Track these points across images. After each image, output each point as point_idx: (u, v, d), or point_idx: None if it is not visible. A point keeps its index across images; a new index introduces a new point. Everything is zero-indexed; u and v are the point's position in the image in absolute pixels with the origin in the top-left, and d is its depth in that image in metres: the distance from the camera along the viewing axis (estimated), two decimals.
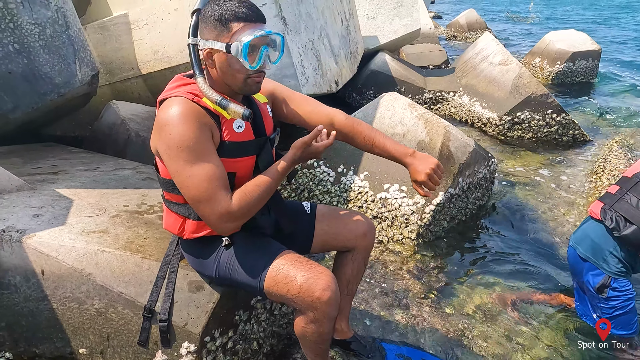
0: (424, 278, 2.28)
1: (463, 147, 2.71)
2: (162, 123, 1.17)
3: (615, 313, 1.91)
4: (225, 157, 1.24)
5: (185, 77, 1.30)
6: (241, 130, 1.26)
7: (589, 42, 7.30)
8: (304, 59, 3.03)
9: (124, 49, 3.66)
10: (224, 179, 1.22)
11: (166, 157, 1.19)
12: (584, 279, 1.97)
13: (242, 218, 1.23)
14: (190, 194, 1.20)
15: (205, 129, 1.18)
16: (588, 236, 1.96)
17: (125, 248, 1.50)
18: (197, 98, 1.21)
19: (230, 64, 1.20)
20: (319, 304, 1.24)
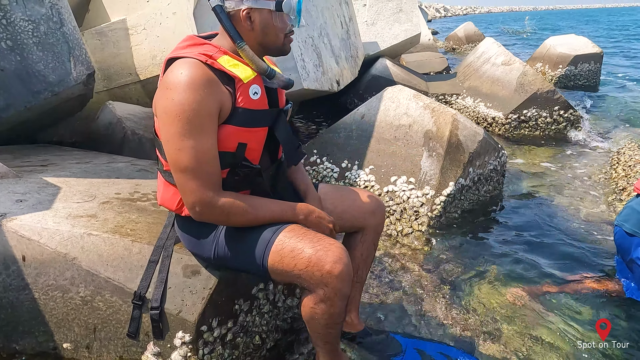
0: (436, 271, 2.13)
1: (472, 136, 2.60)
2: (167, 86, 1.08)
3: None
4: (237, 124, 1.14)
5: (197, 37, 1.20)
6: (257, 97, 1.17)
7: (590, 45, 7.28)
8: (304, 53, 2.96)
9: (122, 54, 3.62)
10: (217, 164, 1.12)
11: (161, 121, 1.10)
12: (634, 256, 1.86)
13: (215, 217, 1.15)
14: (178, 165, 1.09)
15: (213, 102, 1.08)
16: (634, 210, 1.88)
17: (115, 232, 1.38)
18: (211, 60, 1.11)
19: (277, 23, 1.16)
20: (329, 279, 1.10)
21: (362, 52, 4.96)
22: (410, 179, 2.53)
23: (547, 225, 2.67)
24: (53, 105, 2.67)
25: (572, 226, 2.67)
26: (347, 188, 1.54)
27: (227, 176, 1.18)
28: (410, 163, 2.57)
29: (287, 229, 1.17)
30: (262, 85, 1.19)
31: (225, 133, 1.13)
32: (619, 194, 3.01)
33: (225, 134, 1.13)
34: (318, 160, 2.88)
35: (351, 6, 4.90)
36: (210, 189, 1.11)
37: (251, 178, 1.22)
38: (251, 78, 1.15)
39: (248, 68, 1.16)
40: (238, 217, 1.16)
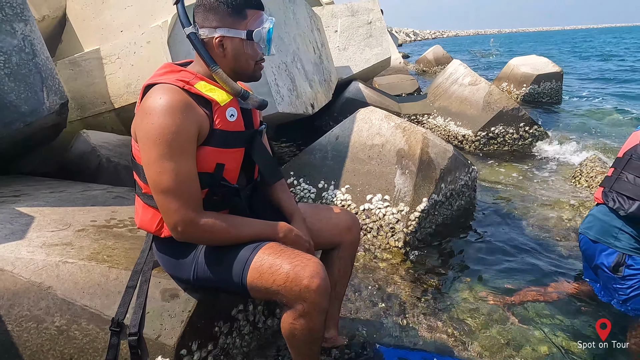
0: (415, 284, 2.18)
1: (442, 153, 2.70)
2: (146, 111, 1.12)
3: (633, 293, 1.87)
4: (215, 146, 1.19)
5: (174, 65, 1.25)
6: (233, 119, 1.22)
7: (551, 65, 7.69)
8: (278, 78, 3.05)
9: (96, 83, 3.62)
10: (197, 185, 1.16)
11: (142, 145, 1.14)
12: (598, 262, 1.94)
13: (197, 236, 1.18)
14: (160, 186, 1.13)
15: (191, 125, 1.12)
16: (596, 219, 1.97)
17: (91, 258, 1.37)
18: (188, 86, 1.16)
19: (248, 50, 1.21)
20: (307, 293, 1.13)
21: (335, 76, 5.10)
22: (385, 197, 2.59)
23: (518, 235, 2.77)
24: (25, 135, 2.65)
25: (542, 236, 2.77)
26: (323, 206, 1.58)
27: (206, 196, 1.21)
28: (384, 181, 2.64)
29: (266, 247, 1.20)
30: (238, 108, 1.24)
31: (203, 154, 1.17)
32: (583, 203, 3.16)
33: (204, 155, 1.17)
34: (295, 181, 2.92)
35: (323, 33, 5.07)
36: (191, 209, 1.14)
37: (229, 198, 1.26)
38: (227, 101, 1.20)
39: (224, 92, 1.21)
40: (219, 236, 1.19)
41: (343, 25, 5.76)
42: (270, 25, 1.21)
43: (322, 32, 4.96)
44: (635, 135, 1.91)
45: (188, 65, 1.26)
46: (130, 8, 3.59)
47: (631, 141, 1.92)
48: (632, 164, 1.84)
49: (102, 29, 3.67)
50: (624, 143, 2.01)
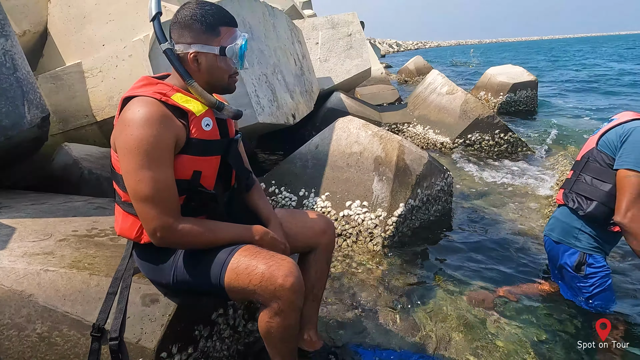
0: (393, 286, 2.25)
1: (418, 159, 2.80)
2: (125, 122, 1.17)
3: (595, 291, 1.96)
4: (192, 154, 1.25)
5: (151, 78, 1.31)
6: (209, 128, 1.28)
7: (526, 74, 7.95)
8: (259, 89, 3.12)
9: (77, 96, 3.65)
10: (174, 192, 1.22)
11: (121, 156, 1.19)
12: (562, 262, 2.02)
13: (175, 240, 1.23)
14: (139, 194, 1.18)
15: (168, 135, 1.18)
16: (557, 220, 2.07)
17: (72, 266, 1.41)
18: (165, 97, 1.22)
19: (221, 65, 1.27)
20: (282, 292, 1.19)
21: (316, 86, 5.21)
22: (364, 203, 2.67)
23: (494, 239, 2.87)
24: (7, 149, 2.66)
25: (516, 238, 2.88)
26: (299, 210, 1.65)
27: (184, 202, 1.28)
28: (363, 188, 2.72)
29: (242, 249, 1.26)
30: (214, 118, 1.30)
31: (181, 162, 1.23)
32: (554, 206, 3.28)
33: (181, 163, 1.24)
34: (277, 190, 2.98)
35: (304, 45, 5.18)
36: (170, 215, 1.20)
37: (207, 203, 1.32)
38: (203, 111, 1.27)
39: (199, 103, 1.28)
40: (197, 240, 1.24)
41: (324, 37, 5.89)
42: (242, 41, 1.27)
43: (303, 44, 5.07)
44: (592, 139, 2.02)
45: (165, 78, 1.33)
46: (112, 22, 3.64)
47: (588, 145, 2.03)
48: (589, 166, 1.94)
49: (84, 43, 3.71)
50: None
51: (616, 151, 1.86)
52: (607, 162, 1.89)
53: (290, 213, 1.62)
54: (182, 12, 1.26)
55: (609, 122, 1.99)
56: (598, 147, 1.93)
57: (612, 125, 1.93)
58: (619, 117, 1.98)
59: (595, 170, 1.92)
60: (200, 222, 1.26)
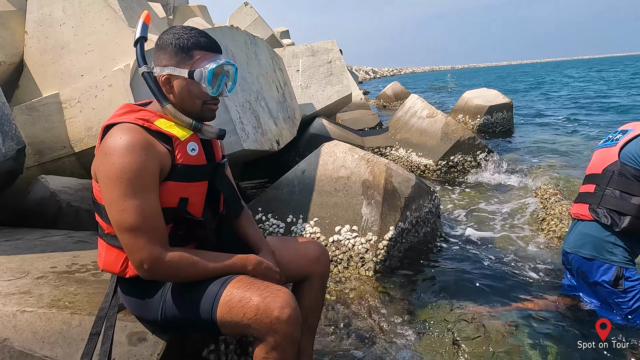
0: (388, 312, 2.19)
1: (406, 182, 2.80)
2: (107, 151, 1.12)
3: (636, 305, 1.90)
4: (178, 180, 1.20)
5: (134, 105, 1.27)
6: (194, 153, 1.24)
7: (501, 96, 8.21)
8: (243, 116, 3.10)
9: (54, 128, 3.55)
10: (161, 221, 1.16)
11: (103, 185, 1.13)
12: (597, 279, 1.95)
13: (164, 273, 1.16)
14: (123, 225, 1.12)
15: (153, 162, 1.14)
16: (587, 236, 1.99)
17: (51, 306, 1.32)
18: (148, 123, 1.18)
19: (191, 89, 1.22)
20: (278, 325, 1.12)
21: (299, 113, 5.23)
22: (354, 227, 2.63)
23: (484, 257, 2.87)
24: None
25: (505, 255, 2.88)
26: (291, 238, 1.60)
27: (171, 231, 1.21)
28: (352, 212, 2.69)
29: (235, 280, 1.20)
30: (199, 142, 1.26)
31: (166, 189, 1.18)
32: (540, 223, 3.32)
33: (167, 189, 1.18)
34: (263, 217, 2.92)
35: (285, 72, 5.23)
36: (157, 245, 1.13)
37: (195, 231, 1.26)
38: (187, 136, 1.23)
39: (184, 128, 1.23)
40: (187, 271, 1.17)
41: (304, 64, 5.97)
42: (213, 65, 1.21)
43: (284, 72, 5.12)
44: (608, 151, 1.99)
45: (147, 105, 1.29)
46: (91, 53, 3.60)
47: (605, 157, 1.99)
48: (616, 179, 1.91)
49: (62, 73, 3.65)
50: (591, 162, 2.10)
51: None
52: (634, 174, 1.88)
53: (282, 240, 1.57)
54: (162, 36, 1.24)
55: (625, 135, 1.96)
56: (621, 160, 1.91)
57: (631, 137, 1.92)
58: (634, 127, 1.97)
59: (623, 183, 1.90)
60: (190, 252, 1.20)
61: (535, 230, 3.25)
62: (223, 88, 1.27)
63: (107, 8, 3.63)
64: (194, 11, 10.15)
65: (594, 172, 2.05)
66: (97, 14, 3.64)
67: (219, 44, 1.29)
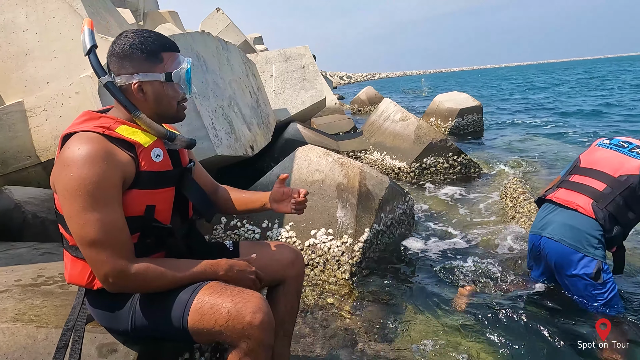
0: (365, 314, 2.21)
1: (379, 184, 2.84)
2: (65, 162, 1.08)
3: (609, 296, 1.98)
4: (143, 188, 1.17)
5: (94, 112, 1.22)
6: (159, 159, 1.21)
7: (471, 99, 8.43)
8: (215, 122, 3.07)
9: (19, 137, 3.43)
10: (125, 232, 1.13)
11: (62, 198, 1.09)
12: (578, 271, 1.99)
13: (131, 285, 1.14)
14: (85, 239, 1.08)
15: (114, 172, 1.10)
16: (575, 229, 2.00)
17: (15, 320, 1.27)
18: (108, 131, 1.14)
19: (168, 92, 1.22)
20: (251, 330, 1.11)
21: (273, 118, 5.23)
22: (329, 230, 2.65)
23: (458, 255, 2.93)
24: None
25: (478, 252, 2.95)
26: (265, 243, 1.59)
27: (138, 240, 1.19)
28: (327, 215, 2.70)
29: (205, 287, 1.18)
30: (164, 148, 1.24)
31: (131, 197, 1.15)
32: (510, 222, 3.42)
33: (132, 198, 1.15)
34: (239, 223, 2.90)
35: (259, 78, 5.22)
36: (122, 257, 1.10)
37: (163, 239, 1.24)
38: (151, 142, 1.20)
39: (147, 134, 1.21)
40: (155, 282, 1.15)
41: (278, 70, 5.97)
42: (187, 65, 1.23)
43: (257, 77, 5.11)
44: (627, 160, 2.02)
45: (109, 112, 1.25)
46: (57, 59, 3.50)
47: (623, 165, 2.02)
48: (629, 191, 1.96)
49: (26, 80, 3.53)
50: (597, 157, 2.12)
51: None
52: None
53: (256, 245, 1.56)
54: (119, 43, 1.20)
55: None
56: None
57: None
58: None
59: (632, 197, 1.96)
60: (158, 261, 1.17)
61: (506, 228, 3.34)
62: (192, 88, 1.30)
63: (72, 14, 3.54)
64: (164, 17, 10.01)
65: (604, 171, 2.06)
66: (62, 20, 3.55)
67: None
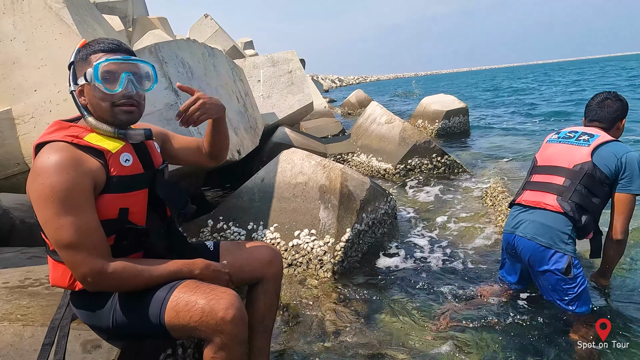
0: (346, 312, 2.28)
1: (360, 185, 2.92)
2: (37, 171, 1.14)
3: (579, 290, 2.03)
4: (115, 192, 1.22)
5: (63, 122, 1.28)
6: (129, 163, 1.26)
7: (457, 102, 8.57)
8: (201, 126, 3.14)
9: (7, 144, 3.46)
10: (100, 234, 1.18)
11: (35, 206, 1.15)
12: (549, 267, 2.05)
13: (109, 284, 1.19)
14: (61, 242, 1.14)
15: (83, 178, 1.15)
16: (545, 227, 2.07)
17: (2, 319, 1.33)
18: (77, 139, 1.20)
19: (95, 93, 1.24)
20: (224, 326, 1.17)
21: (261, 122, 5.30)
22: (312, 231, 2.73)
23: (440, 255, 3.01)
24: None
25: (460, 251, 3.04)
26: (244, 242, 1.66)
27: (114, 242, 1.24)
28: (310, 216, 2.78)
29: (182, 285, 1.24)
30: (133, 152, 1.29)
31: (104, 202, 1.21)
32: (491, 220, 3.52)
33: (104, 202, 1.21)
34: (225, 225, 2.97)
35: (246, 82, 5.29)
36: (98, 258, 1.16)
37: (140, 240, 1.29)
38: (120, 147, 1.26)
39: (115, 139, 1.27)
40: (132, 281, 1.21)
41: (265, 74, 6.05)
42: (99, 61, 1.21)
43: (245, 82, 5.18)
44: (577, 149, 2.10)
45: (79, 120, 1.31)
46: (45, 67, 3.54)
47: (575, 155, 2.09)
48: (587, 178, 2.03)
49: (14, 89, 3.57)
50: (550, 153, 2.19)
51: (613, 173, 2.01)
52: (601, 179, 2.03)
53: (235, 245, 1.62)
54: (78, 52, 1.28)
55: (594, 138, 2.09)
56: (594, 163, 2.04)
57: (601, 142, 2.07)
58: (598, 133, 2.12)
59: (591, 183, 2.03)
60: (134, 261, 1.22)
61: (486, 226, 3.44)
62: (128, 86, 1.24)
63: (59, 22, 3.60)
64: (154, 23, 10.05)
65: (560, 166, 2.13)
66: (49, 28, 3.59)
67: (128, 48, 1.29)
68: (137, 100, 1.29)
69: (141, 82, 1.30)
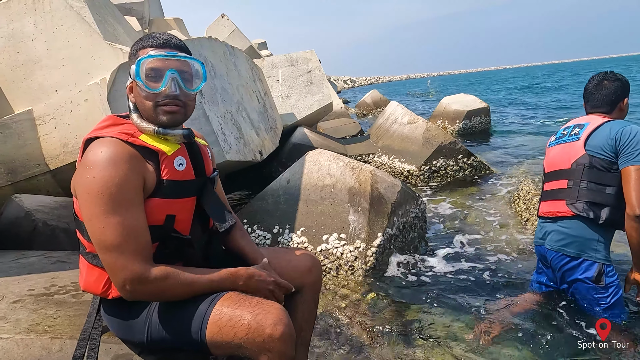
0: (380, 321, 2.16)
1: (392, 188, 2.80)
2: (88, 165, 1.06)
3: (613, 300, 1.92)
4: (164, 197, 1.14)
5: (118, 117, 1.21)
6: (182, 168, 1.18)
7: (478, 101, 8.37)
8: (225, 127, 3.06)
9: (28, 145, 3.43)
10: (146, 237, 1.10)
11: (82, 201, 1.07)
12: (579, 276, 1.95)
13: (148, 292, 1.10)
14: (104, 243, 1.05)
15: (136, 175, 1.08)
16: (569, 235, 1.97)
17: (29, 331, 1.24)
18: (132, 138, 1.12)
19: (139, 91, 1.16)
20: (271, 343, 1.07)
21: (280, 123, 5.21)
22: (341, 235, 2.61)
23: (472, 260, 2.88)
24: None
25: (494, 257, 2.90)
26: (281, 249, 1.56)
27: (156, 250, 1.15)
28: (339, 220, 2.66)
29: (224, 298, 1.14)
30: (187, 157, 1.21)
31: (152, 206, 1.12)
32: (524, 224, 3.36)
33: (152, 207, 1.13)
34: (249, 229, 2.87)
35: (265, 83, 5.21)
36: (141, 262, 1.07)
37: (182, 250, 1.20)
38: (174, 150, 1.17)
39: (171, 142, 1.18)
40: (173, 290, 1.11)
41: (284, 74, 5.97)
42: (144, 56, 1.13)
43: (264, 82, 5.10)
44: (571, 146, 2.01)
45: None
46: (65, 67, 3.51)
47: (570, 152, 2.00)
48: (588, 172, 1.92)
49: (35, 89, 3.54)
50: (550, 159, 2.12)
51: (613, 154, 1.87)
52: (604, 165, 1.90)
53: (273, 252, 1.52)
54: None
55: (584, 128, 1.98)
56: (589, 153, 1.93)
57: (592, 130, 1.95)
58: (589, 121, 2.00)
59: (595, 175, 1.91)
60: (177, 268, 1.13)
61: (520, 231, 3.28)
62: (172, 85, 1.13)
63: (80, 22, 3.55)
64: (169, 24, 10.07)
65: (561, 168, 2.04)
66: (70, 28, 3.56)
67: (178, 43, 1.19)
68: (183, 101, 1.18)
69: (189, 81, 1.19)
